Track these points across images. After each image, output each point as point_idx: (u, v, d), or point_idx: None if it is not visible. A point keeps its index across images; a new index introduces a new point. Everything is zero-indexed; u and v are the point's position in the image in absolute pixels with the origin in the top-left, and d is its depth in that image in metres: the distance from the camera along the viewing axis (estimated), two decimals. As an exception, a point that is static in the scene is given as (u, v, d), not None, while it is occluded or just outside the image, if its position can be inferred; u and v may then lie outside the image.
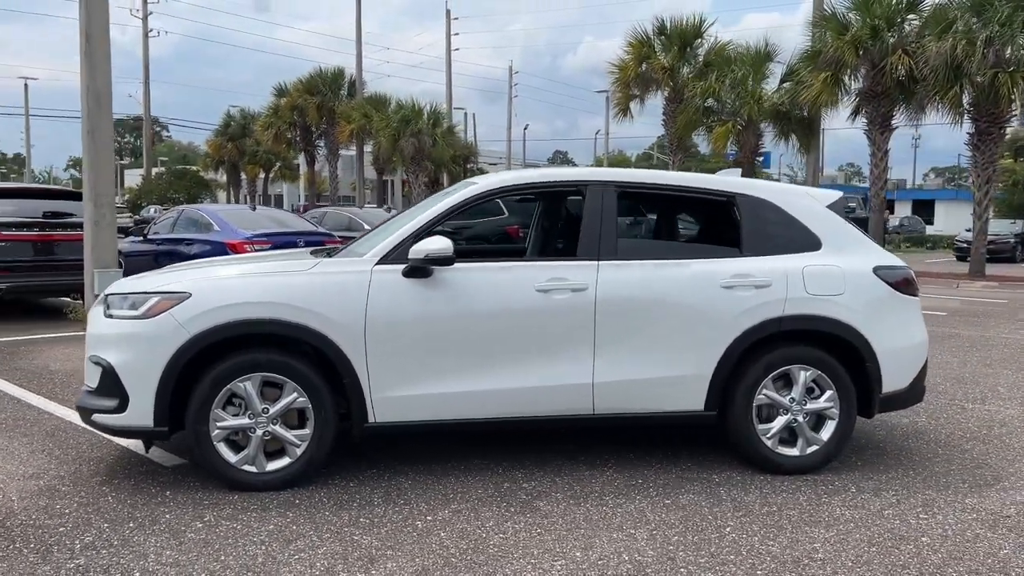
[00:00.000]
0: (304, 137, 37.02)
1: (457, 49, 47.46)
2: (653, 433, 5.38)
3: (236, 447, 4.33)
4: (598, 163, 61.68)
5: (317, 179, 41.53)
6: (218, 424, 4.26)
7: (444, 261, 4.35)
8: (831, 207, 4.96)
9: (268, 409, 4.29)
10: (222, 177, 51.67)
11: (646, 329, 4.53)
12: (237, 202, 49.30)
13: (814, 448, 4.71)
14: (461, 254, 4.52)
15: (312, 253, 4.95)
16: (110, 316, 4.37)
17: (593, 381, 4.49)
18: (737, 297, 4.59)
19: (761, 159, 50.09)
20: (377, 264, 4.42)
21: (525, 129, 64.61)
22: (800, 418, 4.68)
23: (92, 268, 9.81)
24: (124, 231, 13.58)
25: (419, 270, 4.37)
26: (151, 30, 47.37)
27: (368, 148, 34.11)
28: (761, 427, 4.67)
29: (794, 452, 4.71)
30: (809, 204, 4.90)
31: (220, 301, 4.23)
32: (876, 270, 4.80)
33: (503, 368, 4.43)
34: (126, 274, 8.71)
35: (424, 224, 4.55)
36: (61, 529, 3.79)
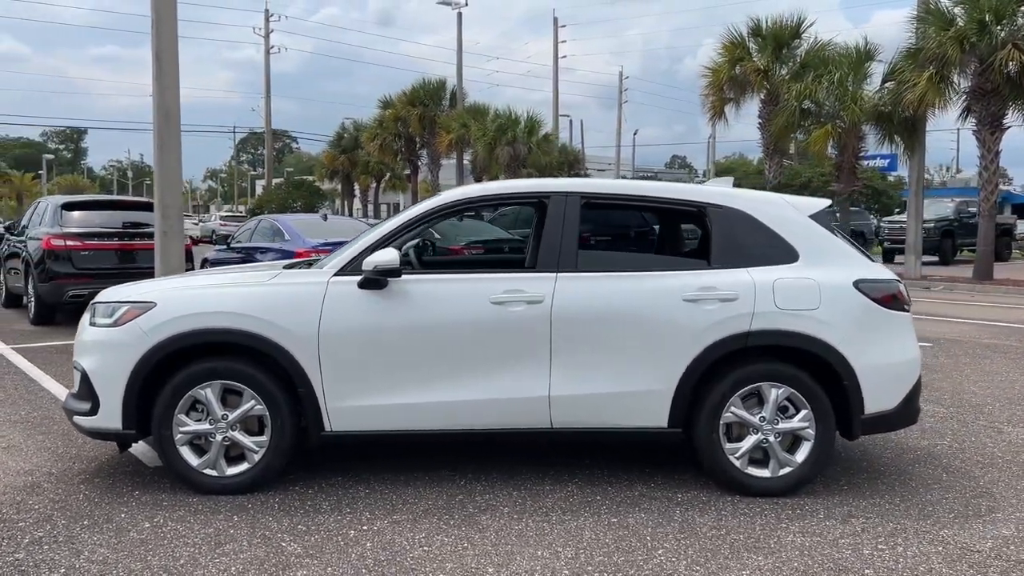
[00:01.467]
0: (408, 147, 37.91)
1: (564, 56, 47.37)
2: (641, 449, 5.24)
3: (201, 451, 4.50)
4: (710, 170, 60.40)
5: (420, 188, 42.46)
6: (180, 429, 4.44)
7: (392, 273, 4.40)
8: (814, 217, 4.72)
9: (228, 415, 4.44)
10: (337, 187, 53.59)
11: (604, 342, 4.44)
12: (350, 212, 50.96)
13: (787, 470, 4.49)
14: (432, 265, 4.55)
15: (287, 266, 5.09)
16: (93, 324, 4.63)
17: (549, 394, 4.43)
18: (701, 311, 4.43)
19: (886, 163, 47.47)
20: (335, 276, 4.51)
21: (635, 135, 63.91)
22: (771, 438, 4.47)
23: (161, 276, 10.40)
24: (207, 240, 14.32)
25: (372, 281, 4.43)
26: (273, 47, 49.76)
27: (468, 158, 34.61)
28: (729, 446, 4.49)
29: (765, 473, 4.49)
30: (786, 214, 4.68)
31: (180, 311, 4.41)
32: (858, 284, 4.53)
33: (457, 380, 4.43)
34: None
35: (383, 236, 4.61)
36: (21, 524, 4.05)
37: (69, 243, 10.93)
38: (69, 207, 11.52)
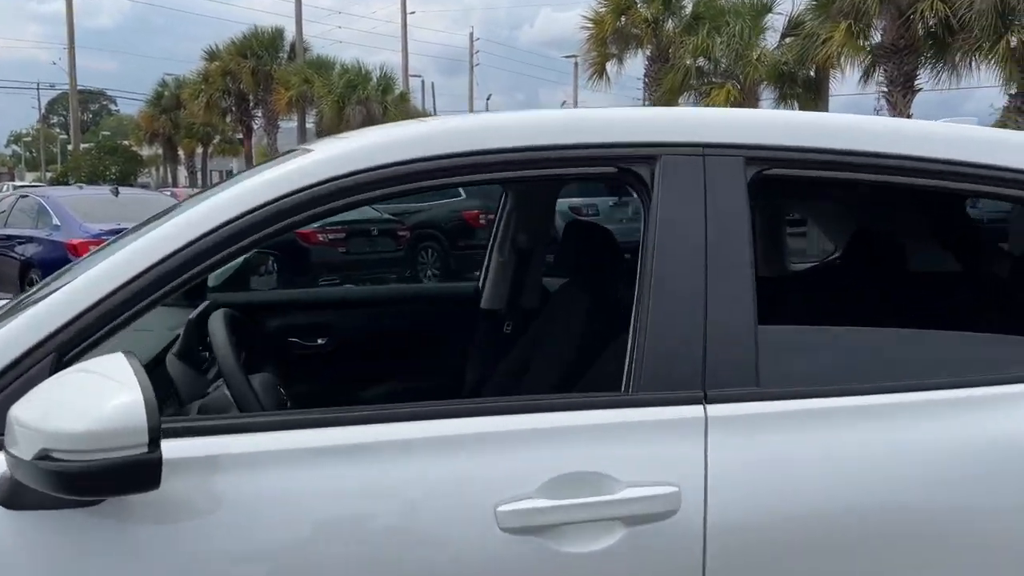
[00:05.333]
0: (239, 106, 33.31)
1: (413, 12, 43.63)
2: None
3: None
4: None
5: (256, 152, 37.84)
6: None
7: (135, 473, 1.09)
8: None
9: None
10: (159, 152, 47.73)
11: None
12: (173, 180, 45.46)
13: None
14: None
15: None
16: None
17: None
18: None
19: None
20: None
21: (488, 100, 60.86)
22: None
23: None
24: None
25: (43, 496, 1.12)
26: (76, -10, 43.08)
27: (313, 119, 30.60)
28: None
29: None
30: None
31: None
32: None
33: None
34: None
35: (80, 313, 1.29)
36: None
37: None
38: None
